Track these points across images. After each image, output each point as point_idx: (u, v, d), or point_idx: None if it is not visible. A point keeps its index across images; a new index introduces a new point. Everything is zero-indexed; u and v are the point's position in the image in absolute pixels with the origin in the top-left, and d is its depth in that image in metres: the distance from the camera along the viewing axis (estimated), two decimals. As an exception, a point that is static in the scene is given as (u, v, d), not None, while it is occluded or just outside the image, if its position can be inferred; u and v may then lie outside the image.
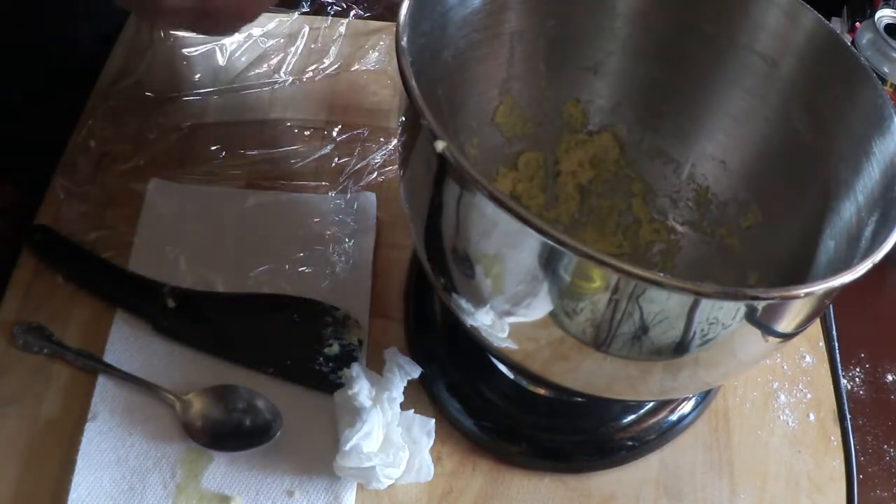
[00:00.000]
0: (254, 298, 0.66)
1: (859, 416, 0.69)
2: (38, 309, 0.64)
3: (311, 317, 0.65)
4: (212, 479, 0.58)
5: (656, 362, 0.51)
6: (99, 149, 0.73)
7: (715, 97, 0.66)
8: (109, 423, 0.59)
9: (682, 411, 0.65)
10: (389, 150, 0.77)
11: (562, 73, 0.68)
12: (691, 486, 0.62)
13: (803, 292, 0.45)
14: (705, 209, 0.69)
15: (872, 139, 0.55)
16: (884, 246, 0.47)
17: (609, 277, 0.45)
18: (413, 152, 0.52)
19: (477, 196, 0.46)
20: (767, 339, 0.49)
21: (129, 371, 0.61)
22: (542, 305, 0.49)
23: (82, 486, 0.56)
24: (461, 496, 0.60)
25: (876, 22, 0.85)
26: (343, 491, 0.58)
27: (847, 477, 0.63)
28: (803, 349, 0.70)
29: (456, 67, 0.61)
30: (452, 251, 0.51)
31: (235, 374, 0.62)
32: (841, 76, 0.58)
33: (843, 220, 0.56)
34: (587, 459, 0.63)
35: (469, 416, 0.63)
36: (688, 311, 0.45)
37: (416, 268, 0.69)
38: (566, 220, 0.72)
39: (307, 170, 0.74)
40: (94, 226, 0.69)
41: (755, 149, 0.65)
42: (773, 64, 0.62)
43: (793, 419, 0.66)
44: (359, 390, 0.59)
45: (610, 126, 0.70)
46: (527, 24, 0.64)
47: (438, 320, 0.67)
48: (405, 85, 0.48)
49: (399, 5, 0.52)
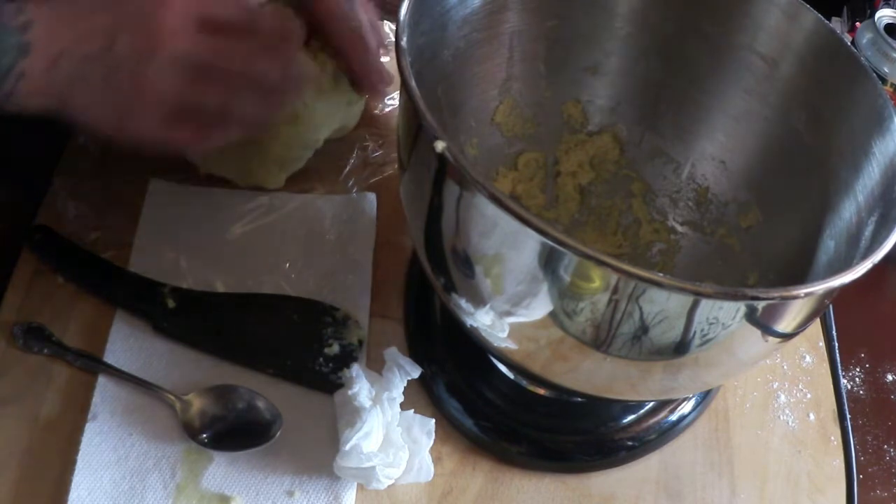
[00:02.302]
0: (254, 298, 0.66)
1: (859, 416, 0.69)
2: (38, 309, 0.64)
3: (311, 317, 0.65)
4: (212, 480, 0.58)
5: (656, 362, 0.51)
6: (99, 149, 0.73)
7: (715, 97, 0.66)
8: (109, 423, 0.59)
9: (682, 411, 0.65)
10: (390, 150, 0.77)
11: (562, 73, 0.68)
12: (691, 486, 0.62)
13: (803, 292, 0.45)
14: (705, 209, 0.69)
15: (872, 139, 0.55)
16: (884, 246, 0.47)
17: (609, 277, 0.45)
18: (413, 152, 0.52)
19: (477, 196, 0.46)
20: (767, 339, 0.50)
21: (129, 371, 0.61)
22: (542, 305, 0.49)
23: (82, 487, 0.56)
24: (461, 496, 0.60)
25: (876, 22, 0.85)
26: (343, 491, 0.58)
27: (847, 477, 0.63)
28: (803, 349, 0.70)
29: (456, 67, 0.62)
30: (452, 251, 0.51)
31: (235, 375, 0.62)
32: (841, 76, 0.58)
33: (843, 220, 0.56)
34: (587, 459, 0.63)
35: (469, 416, 0.63)
36: (688, 311, 0.45)
37: (416, 268, 0.69)
38: (566, 220, 0.72)
39: (307, 170, 0.74)
40: (94, 226, 0.69)
41: (755, 149, 0.65)
42: (773, 64, 0.62)
43: (793, 419, 0.66)
44: (359, 390, 0.59)
45: (610, 126, 0.70)
46: (527, 24, 0.64)
47: (438, 320, 0.67)
48: (405, 85, 0.48)
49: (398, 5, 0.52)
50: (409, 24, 0.51)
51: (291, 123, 0.71)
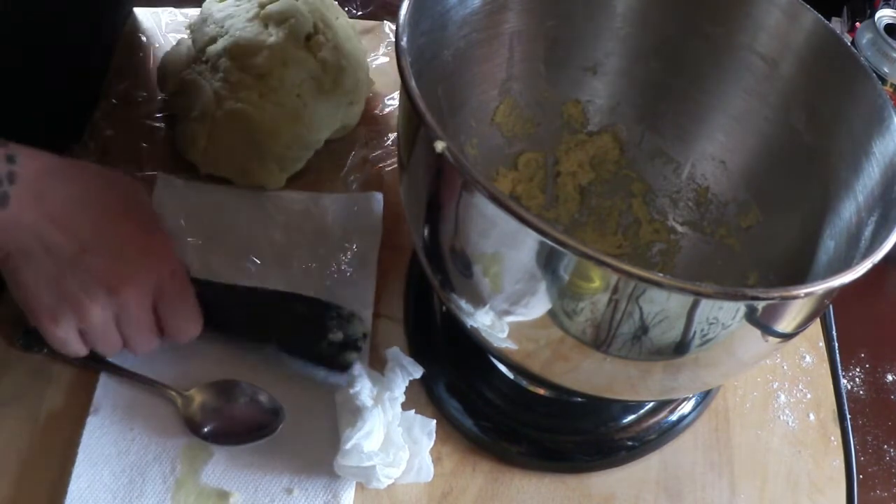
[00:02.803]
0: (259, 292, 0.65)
1: (859, 416, 0.69)
2: (38, 309, 0.64)
3: (317, 311, 0.64)
4: (211, 475, 0.58)
5: (656, 362, 0.51)
6: (99, 149, 0.73)
7: (715, 97, 0.66)
8: (111, 417, 0.59)
9: (682, 411, 0.65)
10: (390, 150, 0.77)
11: (562, 73, 0.68)
12: (691, 486, 0.62)
13: (803, 292, 0.45)
14: (705, 209, 0.69)
15: (872, 139, 0.55)
16: (884, 246, 0.47)
17: (609, 277, 0.45)
18: (413, 152, 0.52)
19: (476, 196, 0.46)
20: (767, 339, 0.50)
21: (130, 368, 0.61)
22: (542, 305, 0.49)
23: (82, 479, 0.57)
24: (461, 496, 0.60)
25: (876, 22, 0.85)
26: (342, 490, 0.58)
27: (847, 477, 0.63)
28: (803, 349, 0.70)
29: (456, 67, 0.62)
30: (451, 251, 0.51)
31: (238, 370, 0.62)
32: (841, 76, 0.58)
33: (843, 220, 0.56)
34: (587, 459, 0.63)
35: (469, 417, 0.63)
36: (688, 311, 0.45)
37: (416, 268, 0.69)
38: (566, 220, 0.72)
39: (308, 170, 0.74)
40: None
41: (755, 149, 0.65)
42: (773, 64, 0.62)
43: (793, 419, 0.66)
44: (360, 389, 0.59)
45: (610, 126, 0.70)
46: (527, 24, 0.64)
47: (439, 321, 0.67)
48: (405, 85, 0.48)
49: (398, 5, 0.52)
50: (409, 24, 0.51)
51: (292, 123, 0.71)
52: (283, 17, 0.72)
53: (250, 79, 0.70)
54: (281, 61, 0.71)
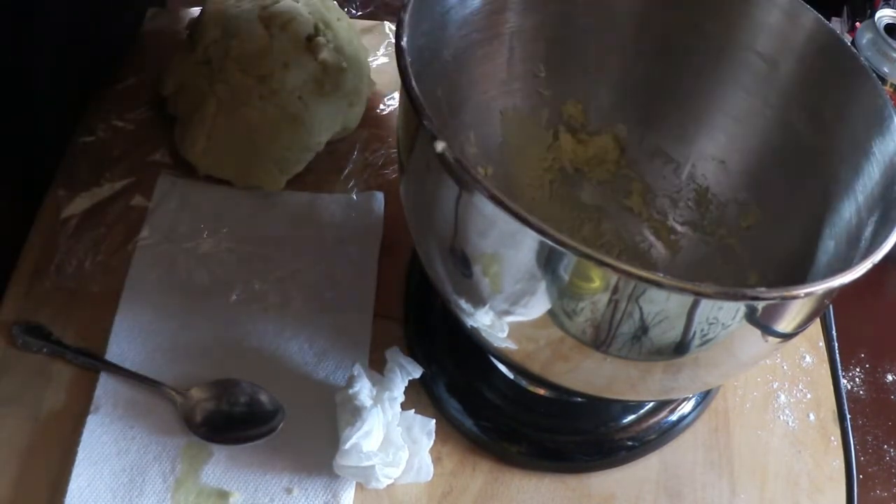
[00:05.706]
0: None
1: (859, 416, 0.69)
2: (38, 309, 0.64)
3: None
4: (211, 474, 0.58)
5: (656, 362, 0.51)
6: (99, 148, 0.73)
7: (715, 97, 0.66)
8: (111, 415, 0.59)
9: (682, 411, 0.65)
10: (390, 151, 0.77)
11: (562, 73, 0.68)
12: (691, 486, 0.62)
13: (803, 292, 0.45)
14: (705, 209, 0.69)
15: (872, 139, 0.55)
16: (884, 246, 0.47)
17: (609, 277, 0.45)
18: (413, 152, 0.52)
19: (476, 196, 0.46)
20: (767, 339, 0.49)
21: (131, 367, 0.61)
22: (542, 305, 0.49)
23: (82, 477, 0.57)
24: (461, 496, 0.60)
25: (876, 22, 0.85)
26: (342, 489, 0.58)
27: (847, 477, 0.63)
28: (803, 349, 0.70)
29: (456, 67, 0.62)
30: (451, 251, 0.51)
31: (238, 369, 0.62)
32: (841, 76, 0.58)
33: (843, 220, 0.56)
34: (587, 459, 0.63)
35: (469, 416, 0.63)
36: (688, 311, 0.45)
37: (416, 268, 0.69)
38: (566, 220, 0.72)
39: (308, 171, 0.74)
40: (95, 225, 0.69)
41: (755, 149, 0.65)
42: (773, 64, 0.62)
43: (793, 419, 0.66)
44: (360, 389, 0.59)
45: (610, 126, 0.70)
46: (527, 24, 0.64)
47: (439, 321, 0.67)
48: (405, 85, 0.48)
49: (397, 5, 0.52)
50: (409, 24, 0.51)
51: (292, 126, 0.71)
52: (283, 19, 0.72)
53: (251, 80, 0.70)
54: (282, 63, 0.71)
